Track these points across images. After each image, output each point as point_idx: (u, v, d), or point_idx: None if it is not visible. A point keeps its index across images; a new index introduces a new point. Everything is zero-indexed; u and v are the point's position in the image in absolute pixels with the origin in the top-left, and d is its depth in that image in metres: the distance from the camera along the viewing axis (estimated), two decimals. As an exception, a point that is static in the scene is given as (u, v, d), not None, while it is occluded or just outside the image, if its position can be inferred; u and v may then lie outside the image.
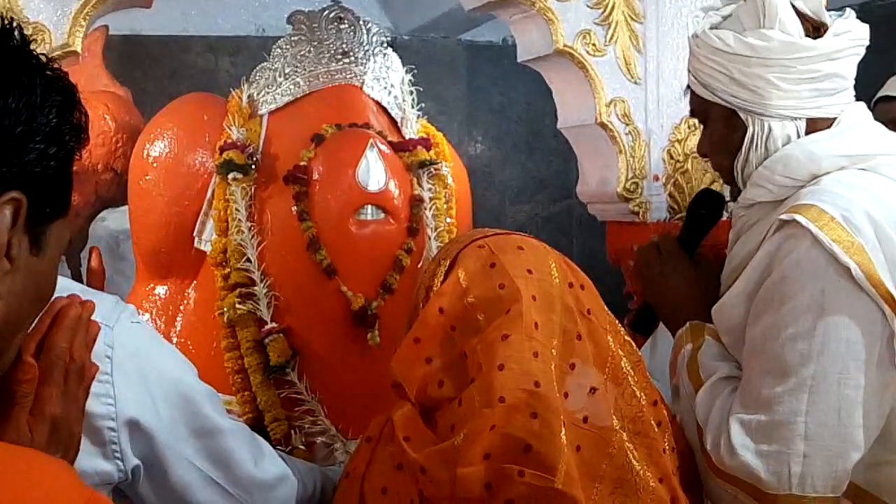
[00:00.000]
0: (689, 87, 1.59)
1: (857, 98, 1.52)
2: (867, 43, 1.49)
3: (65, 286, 1.16)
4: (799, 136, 1.47)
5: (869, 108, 1.54)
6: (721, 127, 1.53)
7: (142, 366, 1.16)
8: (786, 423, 1.33)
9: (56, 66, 0.89)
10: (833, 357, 1.32)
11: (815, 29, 1.48)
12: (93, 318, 1.14)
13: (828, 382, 1.32)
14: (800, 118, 1.47)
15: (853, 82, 1.50)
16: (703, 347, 1.50)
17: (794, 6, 1.47)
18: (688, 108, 1.63)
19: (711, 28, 1.53)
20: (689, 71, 1.58)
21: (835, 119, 1.48)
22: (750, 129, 1.48)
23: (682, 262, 1.64)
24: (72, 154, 0.90)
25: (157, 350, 1.23)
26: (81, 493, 0.74)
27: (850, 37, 1.47)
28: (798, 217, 1.36)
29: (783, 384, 1.34)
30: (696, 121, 1.66)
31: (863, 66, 1.51)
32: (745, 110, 1.48)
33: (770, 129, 1.47)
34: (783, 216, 1.38)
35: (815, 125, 1.48)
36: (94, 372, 1.00)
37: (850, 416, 1.33)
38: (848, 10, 1.51)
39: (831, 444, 1.32)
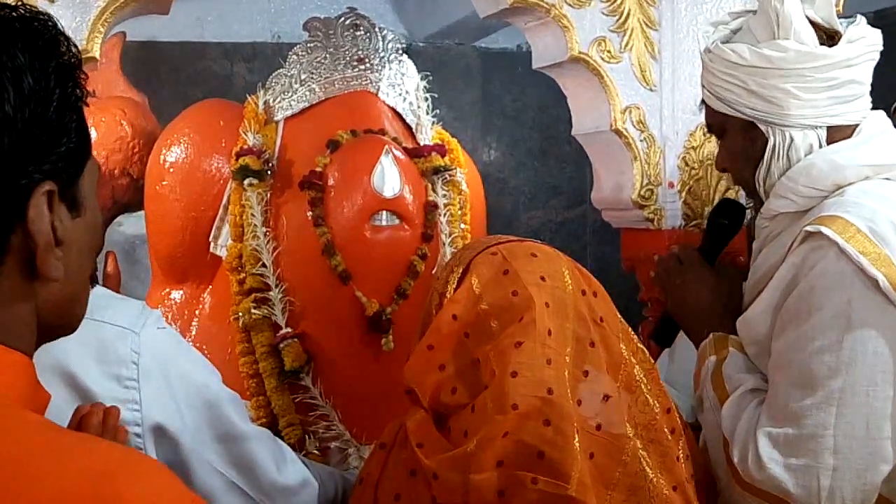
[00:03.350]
0: (703, 101, 1.58)
1: (877, 104, 1.52)
2: (881, 48, 1.48)
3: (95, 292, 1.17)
4: (821, 145, 1.46)
5: (890, 113, 1.53)
6: (740, 139, 1.52)
7: (167, 372, 1.17)
8: (814, 437, 1.32)
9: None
10: (861, 369, 1.32)
11: (828, 37, 1.48)
12: (118, 324, 1.15)
13: (856, 395, 1.32)
14: (820, 126, 1.46)
15: (869, 88, 1.49)
16: (727, 359, 1.49)
17: (806, 16, 1.46)
18: (703, 114, 1.63)
19: (723, 42, 1.52)
20: (702, 86, 1.57)
21: (855, 126, 1.47)
22: (771, 140, 1.47)
23: (703, 272, 1.62)
24: (80, 106, 0.81)
25: (182, 356, 1.24)
26: (186, 496, 0.73)
27: (865, 43, 1.46)
28: (823, 229, 1.35)
29: (811, 397, 1.33)
30: (711, 127, 1.65)
31: (879, 72, 1.50)
32: (765, 121, 1.47)
33: (791, 139, 1.46)
34: (808, 228, 1.37)
35: (835, 133, 1.47)
36: None
37: (879, 428, 1.32)
38: (859, 16, 1.50)
39: (860, 457, 1.32)
